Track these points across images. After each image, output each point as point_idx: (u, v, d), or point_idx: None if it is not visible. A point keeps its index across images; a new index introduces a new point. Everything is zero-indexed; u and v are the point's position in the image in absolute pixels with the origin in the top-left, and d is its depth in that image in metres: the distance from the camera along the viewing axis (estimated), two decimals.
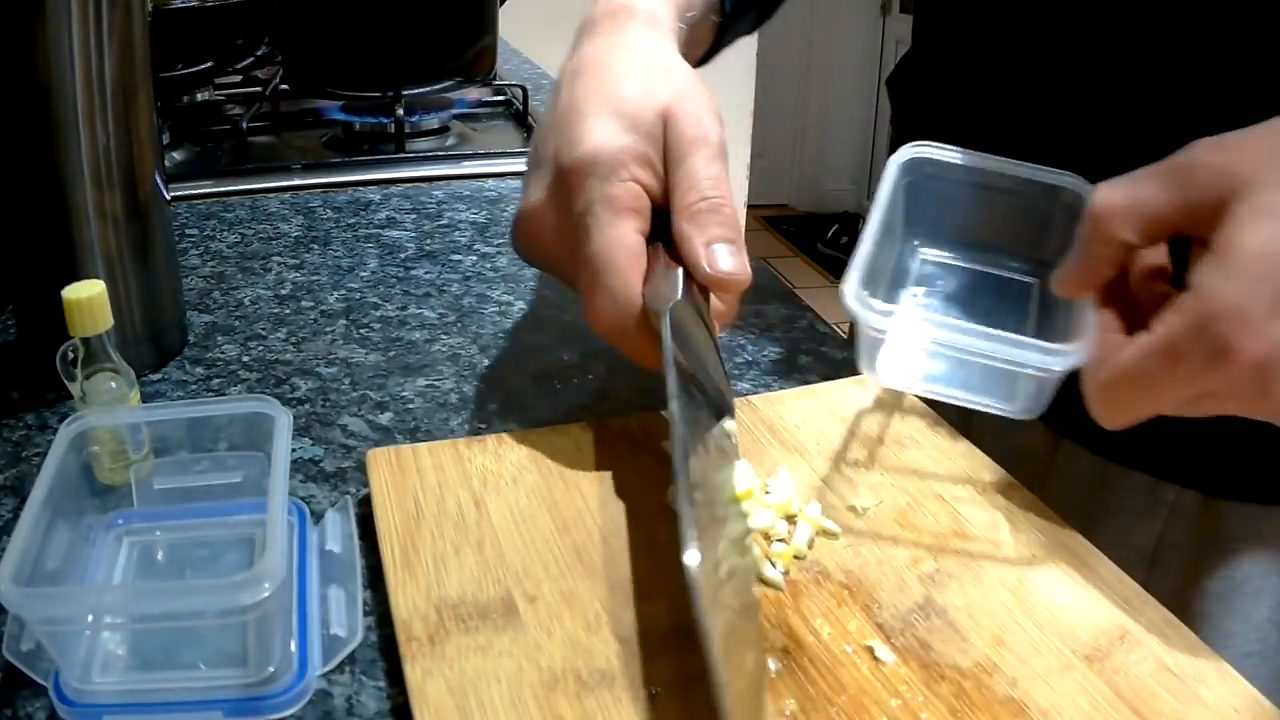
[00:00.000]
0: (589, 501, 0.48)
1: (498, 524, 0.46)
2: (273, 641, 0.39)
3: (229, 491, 0.47)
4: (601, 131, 0.48)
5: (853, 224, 4.18)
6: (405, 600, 0.41)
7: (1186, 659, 0.40)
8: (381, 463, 0.50)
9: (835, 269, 3.95)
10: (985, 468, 0.51)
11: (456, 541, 0.45)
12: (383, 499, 0.47)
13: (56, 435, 0.43)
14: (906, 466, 0.51)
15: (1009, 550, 0.46)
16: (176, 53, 0.98)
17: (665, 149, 0.49)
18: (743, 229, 0.50)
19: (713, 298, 0.51)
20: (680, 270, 0.47)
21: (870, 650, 0.40)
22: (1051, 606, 0.43)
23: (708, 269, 0.47)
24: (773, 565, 0.44)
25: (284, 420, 0.44)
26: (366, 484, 0.49)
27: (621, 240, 0.47)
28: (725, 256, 0.47)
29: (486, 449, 0.51)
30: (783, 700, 0.37)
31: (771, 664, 0.39)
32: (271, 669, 0.38)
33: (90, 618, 0.40)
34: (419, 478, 0.49)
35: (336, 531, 0.46)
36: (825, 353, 0.65)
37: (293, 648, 0.39)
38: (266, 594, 0.35)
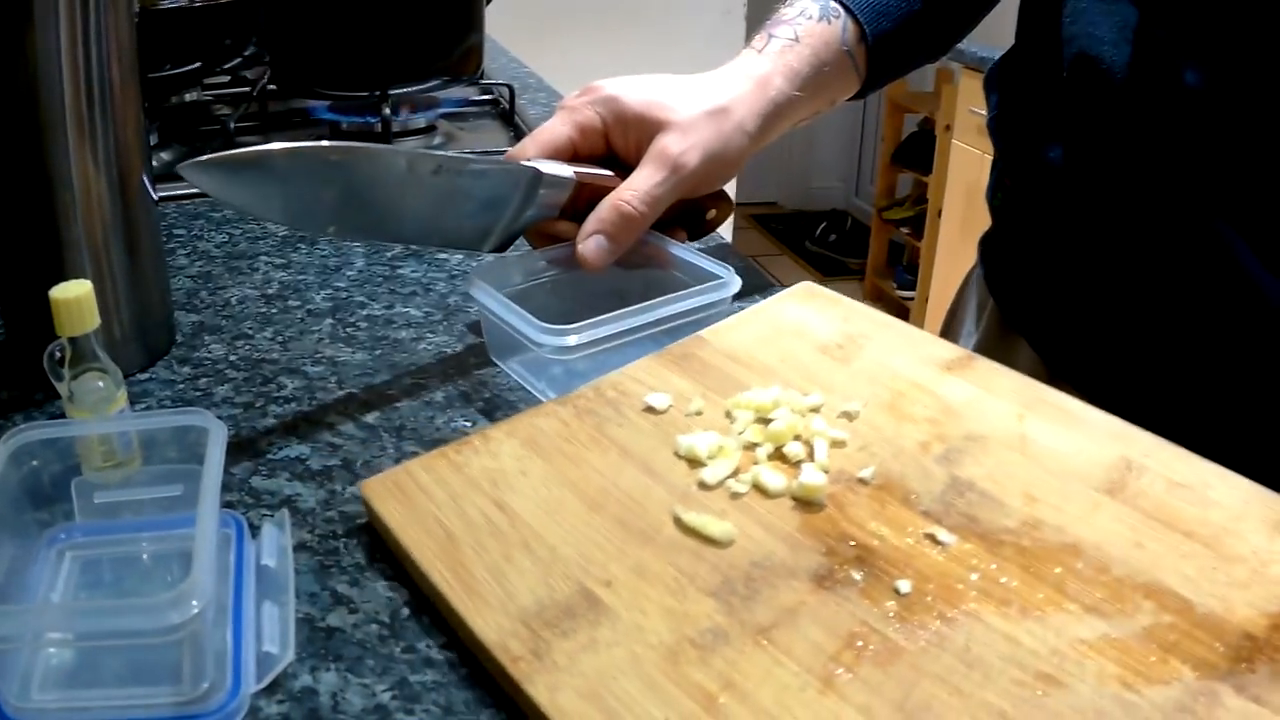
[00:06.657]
0: (604, 474, 0.47)
1: (530, 521, 0.44)
2: (205, 659, 0.38)
3: (170, 505, 0.45)
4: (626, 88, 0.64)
5: (841, 221, 4.19)
6: (488, 624, 0.39)
7: (1188, 470, 0.43)
8: (382, 492, 0.47)
9: (824, 266, 3.95)
10: (942, 347, 0.53)
11: (503, 550, 0.43)
12: (403, 529, 0.45)
13: None
14: (873, 362, 0.52)
15: (997, 416, 0.48)
16: (164, 53, 0.98)
17: (649, 143, 0.62)
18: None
19: None
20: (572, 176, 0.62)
21: (932, 537, 0.41)
22: (1056, 454, 0.45)
23: (579, 239, 0.61)
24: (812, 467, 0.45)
25: (218, 433, 0.42)
26: (352, 482, 0.49)
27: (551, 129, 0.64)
28: (595, 243, 0.60)
29: (475, 449, 0.49)
30: (883, 603, 0.38)
31: (856, 575, 0.40)
32: (205, 686, 0.38)
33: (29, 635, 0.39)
34: (427, 496, 0.46)
35: (272, 546, 0.44)
36: None
37: (227, 665, 0.39)
38: (195, 612, 0.35)
